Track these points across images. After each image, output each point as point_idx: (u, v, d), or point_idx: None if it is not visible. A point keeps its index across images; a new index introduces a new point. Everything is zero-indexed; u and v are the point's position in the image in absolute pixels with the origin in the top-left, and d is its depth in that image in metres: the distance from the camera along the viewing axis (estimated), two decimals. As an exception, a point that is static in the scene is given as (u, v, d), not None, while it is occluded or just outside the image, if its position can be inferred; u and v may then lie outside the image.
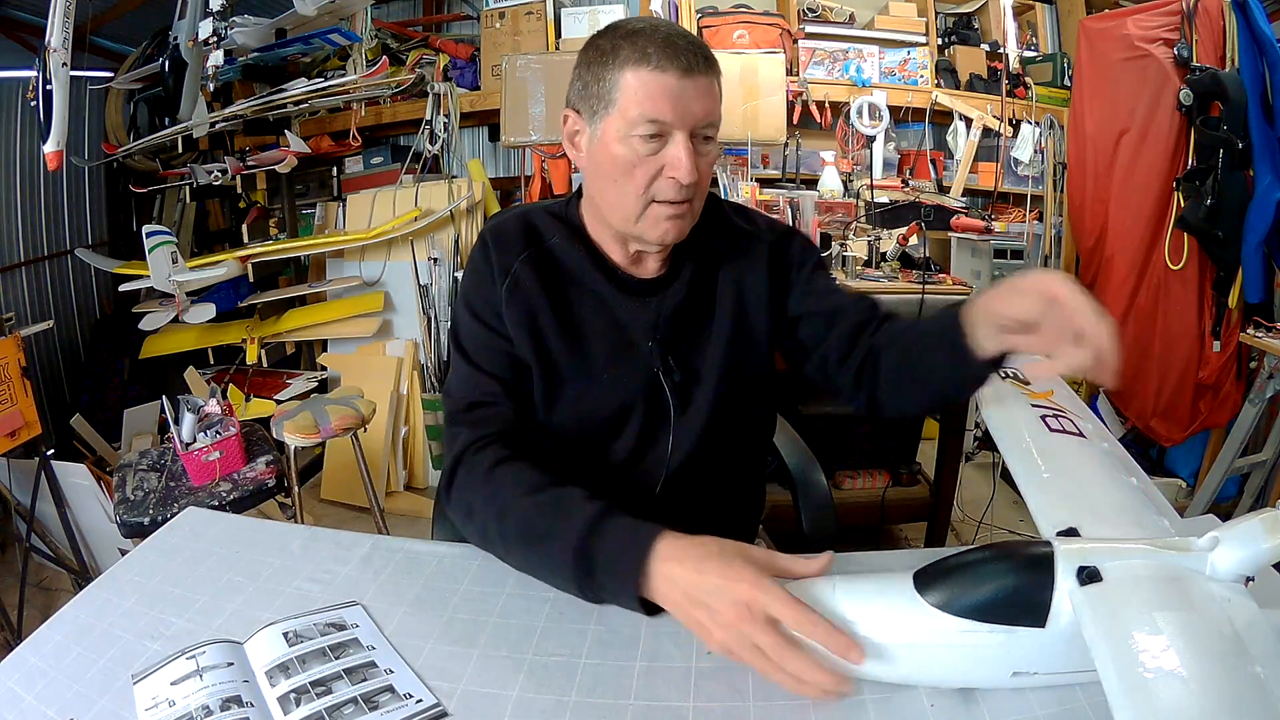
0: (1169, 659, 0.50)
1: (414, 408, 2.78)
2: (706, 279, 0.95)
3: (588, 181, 0.91)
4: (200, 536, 0.90)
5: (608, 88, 0.82)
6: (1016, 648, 0.58)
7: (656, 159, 0.82)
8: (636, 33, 0.82)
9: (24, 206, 2.80)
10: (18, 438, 1.87)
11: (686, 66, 0.80)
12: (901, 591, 0.62)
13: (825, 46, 2.96)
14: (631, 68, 0.80)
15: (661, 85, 0.79)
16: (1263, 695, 0.48)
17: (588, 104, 0.85)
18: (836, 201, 2.61)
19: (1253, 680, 0.49)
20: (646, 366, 0.91)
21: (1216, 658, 0.50)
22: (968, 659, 0.59)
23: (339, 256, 2.97)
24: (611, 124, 0.82)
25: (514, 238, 0.92)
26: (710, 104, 0.83)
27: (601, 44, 0.84)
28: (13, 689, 0.66)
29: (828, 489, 1.16)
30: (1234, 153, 2.12)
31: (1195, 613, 0.53)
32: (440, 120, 2.83)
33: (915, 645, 0.60)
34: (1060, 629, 0.57)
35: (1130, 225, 2.46)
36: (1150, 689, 0.49)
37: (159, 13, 2.56)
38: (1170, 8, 2.28)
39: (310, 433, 1.88)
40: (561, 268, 0.92)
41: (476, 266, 0.93)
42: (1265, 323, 2.06)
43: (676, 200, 0.84)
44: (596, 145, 0.85)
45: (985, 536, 2.38)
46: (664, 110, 0.80)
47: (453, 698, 0.64)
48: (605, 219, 0.89)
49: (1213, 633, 0.52)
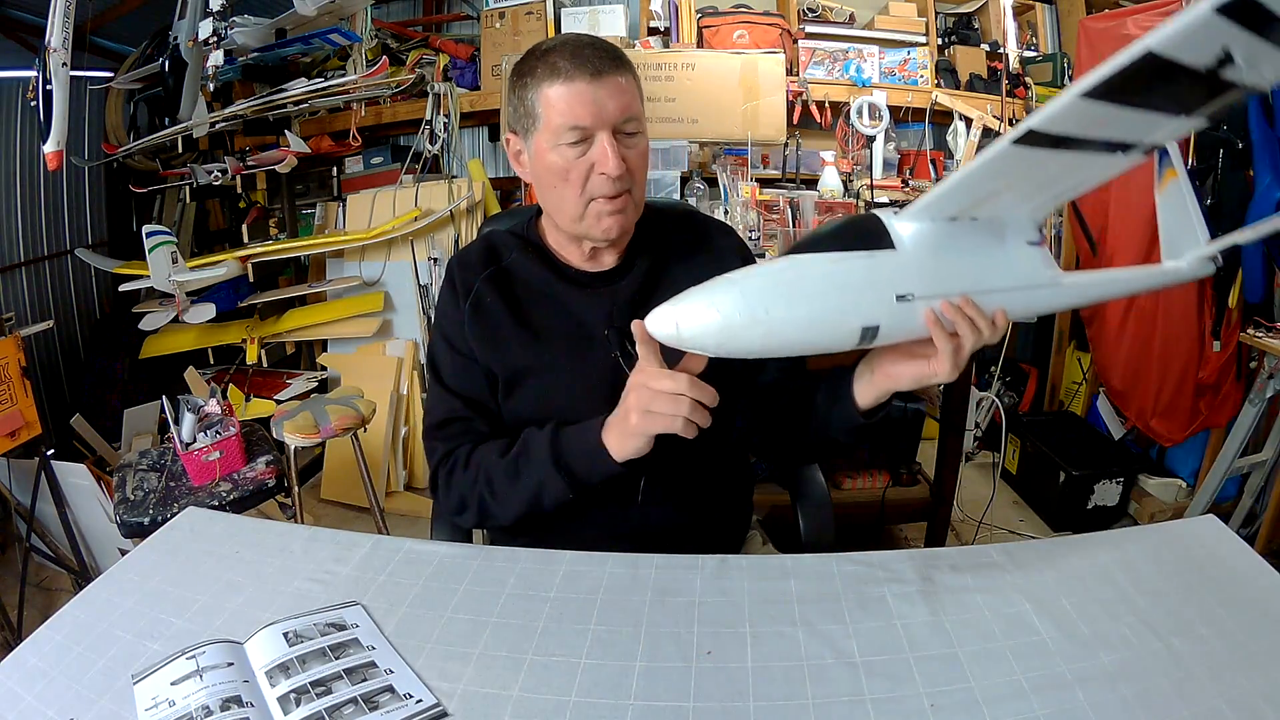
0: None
1: (414, 408, 2.78)
2: (663, 268, 1.00)
3: (536, 193, 0.96)
4: (200, 536, 0.90)
5: (531, 106, 0.89)
6: (883, 269, 0.71)
7: (585, 160, 0.88)
8: (549, 51, 0.89)
9: (24, 206, 2.79)
10: (18, 438, 1.87)
11: (594, 71, 0.86)
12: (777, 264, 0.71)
13: (825, 46, 2.95)
14: (547, 83, 0.87)
15: (575, 93, 0.86)
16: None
17: (520, 124, 0.92)
18: (836, 201, 2.61)
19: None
20: (605, 354, 0.95)
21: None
22: (851, 291, 0.69)
23: (339, 256, 2.97)
24: (541, 138, 0.89)
25: (475, 261, 1.00)
26: (625, 100, 0.88)
27: (522, 67, 0.91)
28: (13, 689, 0.66)
29: (826, 489, 1.17)
30: (1234, 153, 2.12)
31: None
32: (440, 120, 2.83)
33: (801, 296, 0.68)
34: (909, 250, 0.72)
35: (1130, 225, 2.46)
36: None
37: (159, 13, 2.56)
38: (1170, 8, 2.28)
39: (310, 433, 1.88)
40: (520, 280, 0.99)
41: (444, 293, 1.02)
42: (1265, 323, 2.06)
43: (612, 194, 0.89)
44: (534, 159, 0.92)
45: (985, 536, 2.38)
46: (581, 115, 0.86)
47: (453, 698, 0.64)
48: (557, 224, 0.96)
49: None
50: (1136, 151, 0.67)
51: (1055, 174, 0.70)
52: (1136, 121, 0.62)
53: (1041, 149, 0.64)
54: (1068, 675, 0.67)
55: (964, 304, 0.74)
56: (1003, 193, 0.73)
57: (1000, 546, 0.88)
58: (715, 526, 1.05)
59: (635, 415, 0.80)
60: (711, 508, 1.04)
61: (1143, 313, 2.48)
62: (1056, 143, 0.63)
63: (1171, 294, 2.39)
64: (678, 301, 0.70)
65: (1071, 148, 0.64)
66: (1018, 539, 2.15)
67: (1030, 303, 0.80)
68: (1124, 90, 0.58)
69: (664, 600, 0.78)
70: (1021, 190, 0.73)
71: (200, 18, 2.34)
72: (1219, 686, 0.66)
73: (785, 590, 0.80)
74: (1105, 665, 0.68)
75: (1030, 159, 0.66)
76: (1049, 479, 2.50)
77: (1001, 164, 0.66)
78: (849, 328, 0.70)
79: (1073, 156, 0.66)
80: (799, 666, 0.68)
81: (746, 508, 1.12)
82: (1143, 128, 0.63)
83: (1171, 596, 0.79)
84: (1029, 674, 0.67)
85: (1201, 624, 0.74)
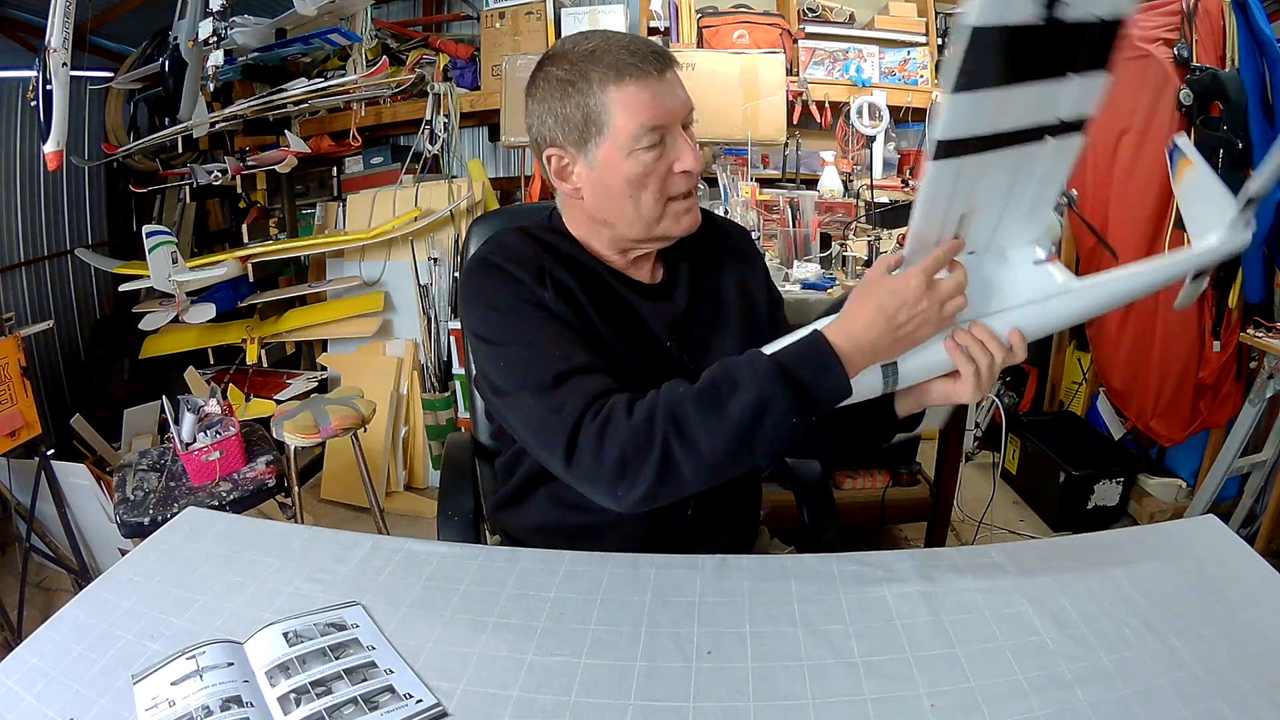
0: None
1: (414, 408, 2.78)
2: (706, 278, 0.97)
3: (593, 205, 0.88)
4: (200, 536, 0.90)
5: (595, 113, 0.81)
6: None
7: (664, 161, 0.84)
8: (595, 52, 0.81)
9: (24, 206, 2.79)
10: (18, 438, 1.87)
11: (659, 66, 0.82)
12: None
13: (825, 46, 2.95)
14: (613, 85, 0.80)
15: (648, 92, 0.81)
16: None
17: (573, 135, 0.83)
18: (836, 201, 2.61)
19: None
20: (667, 366, 0.91)
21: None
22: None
23: (339, 256, 2.97)
24: (610, 146, 0.82)
25: (526, 249, 0.89)
26: (685, 93, 0.85)
27: (560, 74, 0.83)
28: (13, 689, 0.66)
29: (829, 487, 1.17)
30: (1234, 153, 2.12)
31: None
32: (440, 120, 2.83)
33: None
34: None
35: (1130, 225, 2.45)
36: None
37: (159, 13, 2.56)
38: (1170, 8, 2.27)
39: (310, 433, 1.88)
40: (585, 272, 0.90)
41: (496, 277, 0.86)
42: (1265, 323, 2.06)
43: (688, 191, 0.87)
44: (600, 170, 0.84)
45: (985, 536, 2.38)
46: (659, 115, 0.82)
47: (453, 698, 0.64)
48: (623, 233, 0.89)
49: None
50: (1067, 132, 0.67)
51: (1005, 180, 0.71)
52: (1030, 97, 0.63)
53: (967, 157, 0.65)
54: (1068, 675, 0.67)
55: (974, 329, 0.76)
56: (971, 215, 0.73)
57: (1000, 546, 0.88)
58: (734, 523, 1.05)
59: (931, 327, 0.75)
60: (732, 504, 1.04)
61: (1143, 313, 2.47)
62: (975, 146, 0.64)
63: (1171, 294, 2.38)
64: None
65: (994, 146, 0.65)
66: (1018, 539, 2.15)
67: (1045, 315, 0.80)
68: (986, 73, 0.59)
69: (664, 600, 0.78)
70: (989, 208, 0.74)
71: (200, 18, 2.34)
72: (1219, 686, 0.66)
73: (785, 590, 0.80)
74: (1105, 665, 0.68)
75: (966, 171, 0.67)
76: (1049, 479, 2.50)
77: (939, 185, 0.68)
78: (870, 377, 0.77)
79: (1005, 155, 0.67)
80: (799, 666, 0.68)
81: (758, 503, 1.13)
82: (1043, 101, 0.64)
83: (1171, 596, 0.79)
84: (1029, 674, 0.67)
85: (1201, 624, 0.74)
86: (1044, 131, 0.67)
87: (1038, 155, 0.69)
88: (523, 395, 0.81)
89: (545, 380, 0.79)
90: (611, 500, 0.77)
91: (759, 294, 1.02)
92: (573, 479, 0.78)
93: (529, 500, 1.00)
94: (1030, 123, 0.66)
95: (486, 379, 0.86)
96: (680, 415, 0.74)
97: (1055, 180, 0.73)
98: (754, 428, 0.73)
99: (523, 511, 1.01)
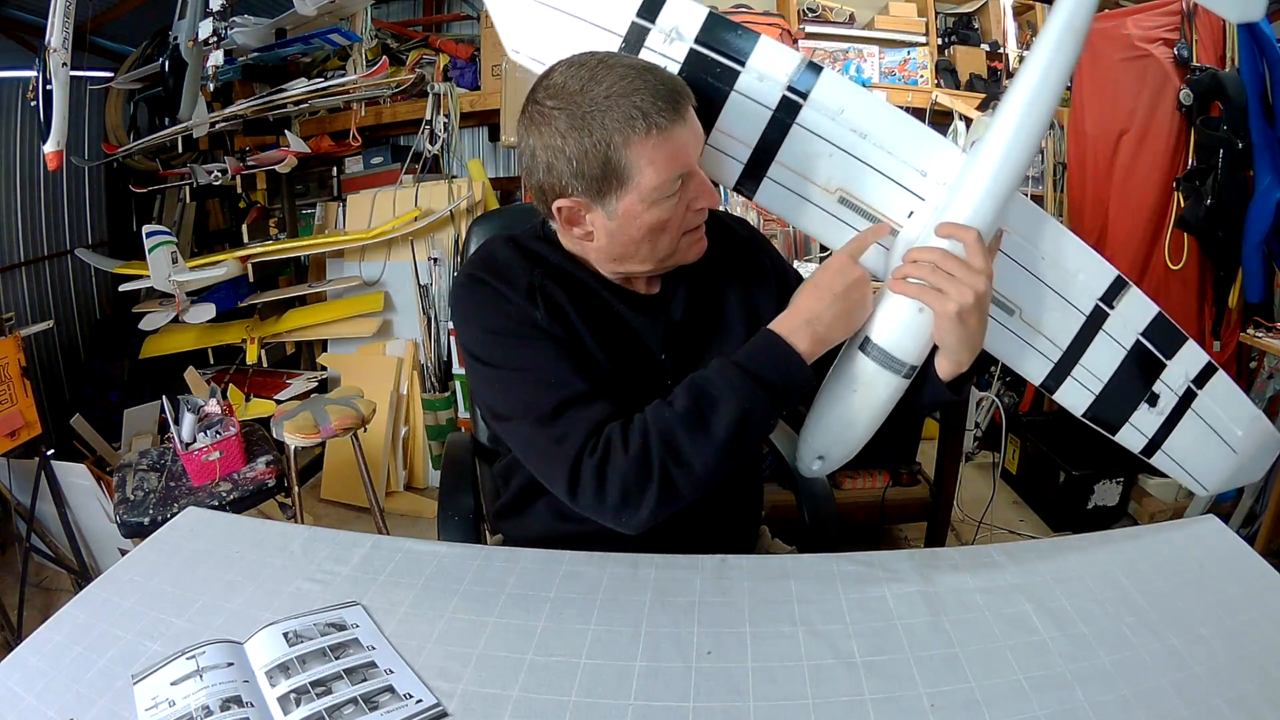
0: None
1: (414, 408, 2.78)
2: (706, 290, 0.96)
3: (605, 247, 0.85)
4: (200, 536, 0.90)
5: (616, 166, 0.76)
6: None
7: (683, 202, 0.81)
8: (611, 97, 0.74)
9: (24, 206, 2.79)
10: (18, 438, 1.87)
11: (681, 109, 0.76)
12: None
13: (825, 46, 2.95)
14: (637, 139, 0.75)
15: (674, 144, 0.76)
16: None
17: (591, 187, 0.78)
18: (836, 201, 2.61)
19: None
20: (659, 380, 0.90)
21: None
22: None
23: (339, 256, 2.97)
24: (632, 198, 0.78)
25: (515, 264, 0.87)
26: (698, 123, 0.80)
27: (570, 118, 0.75)
28: (13, 689, 0.66)
29: (829, 486, 1.17)
30: (1234, 153, 2.12)
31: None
32: (440, 120, 2.83)
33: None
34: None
35: (1130, 225, 2.45)
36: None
37: (159, 13, 2.56)
38: (1170, 8, 2.28)
39: (310, 433, 1.88)
40: (577, 282, 0.89)
41: (488, 298, 0.85)
42: (1265, 323, 2.06)
43: (701, 221, 0.86)
44: (619, 220, 0.81)
45: (985, 536, 2.38)
46: (686, 163, 0.79)
47: (453, 698, 0.64)
48: (628, 268, 0.87)
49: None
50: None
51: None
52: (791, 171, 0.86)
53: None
54: (1068, 675, 0.67)
55: (907, 257, 0.79)
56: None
57: (1000, 546, 0.88)
58: (735, 523, 1.05)
59: (865, 285, 0.82)
60: (736, 501, 1.03)
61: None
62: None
63: (1171, 294, 2.39)
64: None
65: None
66: (1018, 539, 2.15)
67: (965, 192, 0.77)
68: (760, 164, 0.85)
69: (664, 600, 0.78)
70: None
71: (200, 18, 2.34)
72: (1219, 686, 0.66)
73: (785, 590, 0.80)
74: (1105, 665, 0.68)
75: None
76: (1049, 479, 2.50)
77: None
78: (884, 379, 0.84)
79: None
80: (799, 666, 0.68)
81: (759, 502, 1.13)
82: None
83: (1171, 596, 0.79)
84: (1029, 674, 0.67)
85: (1201, 624, 0.74)
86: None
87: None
88: (522, 425, 0.82)
89: (544, 411, 0.80)
90: (616, 525, 0.79)
91: (766, 306, 0.95)
92: (577, 508, 0.80)
93: (529, 511, 0.99)
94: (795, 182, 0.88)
95: (483, 400, 0.88)
96: (672, 440, 0.77)
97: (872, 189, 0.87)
98: (741, 436, 0.78)
99: (522, 522, 1.01)
